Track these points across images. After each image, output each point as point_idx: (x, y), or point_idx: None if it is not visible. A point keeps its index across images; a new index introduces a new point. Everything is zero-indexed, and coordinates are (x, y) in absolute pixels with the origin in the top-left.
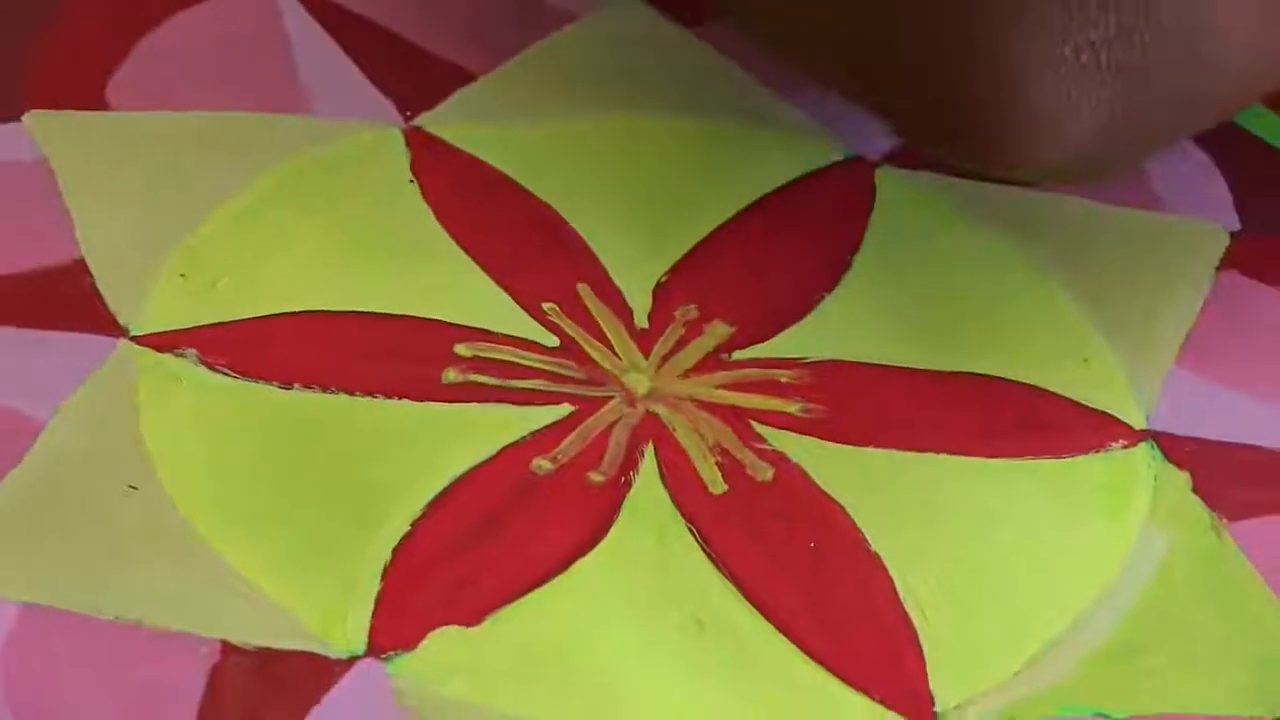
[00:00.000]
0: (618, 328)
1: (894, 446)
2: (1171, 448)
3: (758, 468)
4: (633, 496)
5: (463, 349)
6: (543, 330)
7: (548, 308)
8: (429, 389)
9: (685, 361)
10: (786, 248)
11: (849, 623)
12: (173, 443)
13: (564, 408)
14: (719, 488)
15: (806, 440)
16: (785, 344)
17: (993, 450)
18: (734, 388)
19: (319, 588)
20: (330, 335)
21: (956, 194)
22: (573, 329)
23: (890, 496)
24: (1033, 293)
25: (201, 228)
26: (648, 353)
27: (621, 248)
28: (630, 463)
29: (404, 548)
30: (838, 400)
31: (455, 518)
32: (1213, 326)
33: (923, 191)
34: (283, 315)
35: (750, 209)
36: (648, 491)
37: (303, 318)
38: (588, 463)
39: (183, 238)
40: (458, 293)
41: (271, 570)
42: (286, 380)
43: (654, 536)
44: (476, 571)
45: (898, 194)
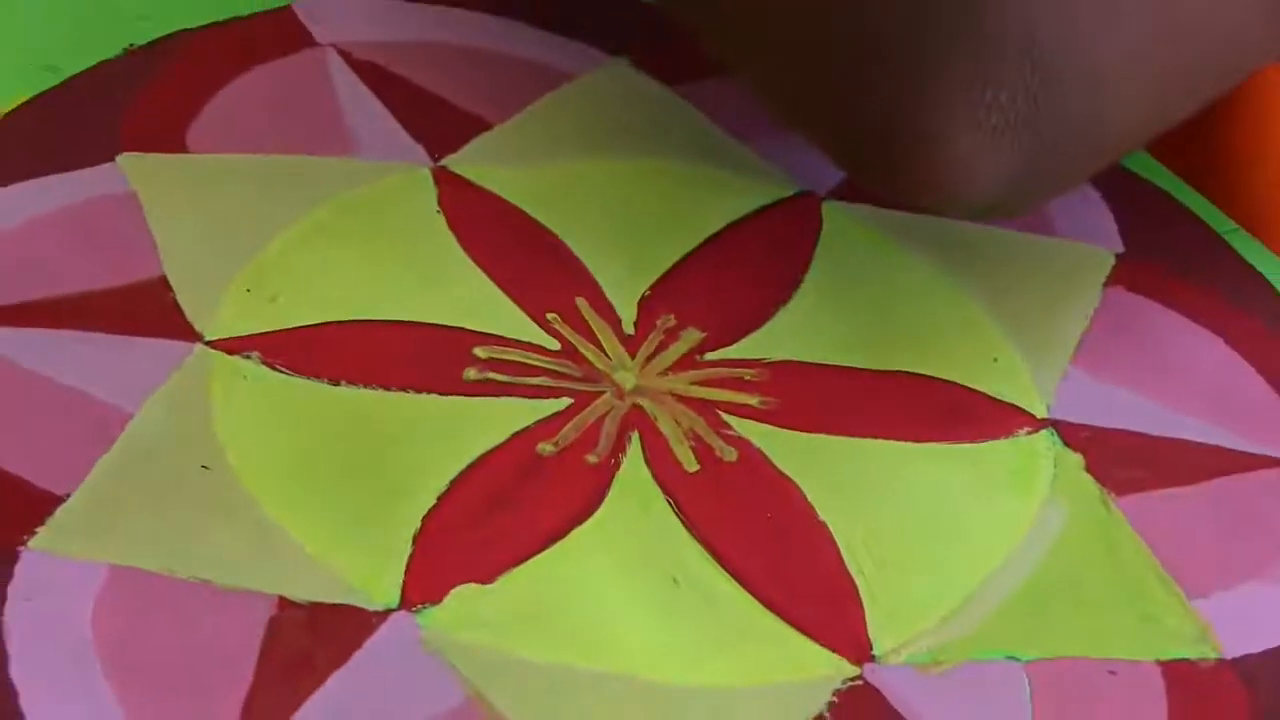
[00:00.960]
0: (609, 334)
1: (838, 433)
2: (1068, 434)
3: (725, 450)
4: (621, 475)
5: (480, 351)
6: (547, 336)
7: (551, 317)
8: (452, 385)
9: (665, 362)
10: (749, 268)
11: (801, 580)
12: (239, 430)
13: (564, 400)
14: (693, 467)
15: (765, 428)
16: (748, 348)
17: (919, 436)
18: (705, 384)
19: (360, 551)
20: (370, 340)
21: (891, 223)
22: (571, 335)
23: (835, 475)
24: (952, 305)
25: (264, 251)
26: (634, 355)
27: (612, 268)
28: (619, 446)
29: (431, 517)
30: (791, 394)
31: (474, 492)
32: (1102, 333)
33: (862, 221)
34: (331, 324)
35: (719, 235)
36: (634, 470)
37: (348, 326)
38: (584, 446)
39: (248, 259)
40: (476, 305)
41: (320, 537)
42: (334, 378)
43: (639, 508)
44: (491, 538)
45: (841, 223)
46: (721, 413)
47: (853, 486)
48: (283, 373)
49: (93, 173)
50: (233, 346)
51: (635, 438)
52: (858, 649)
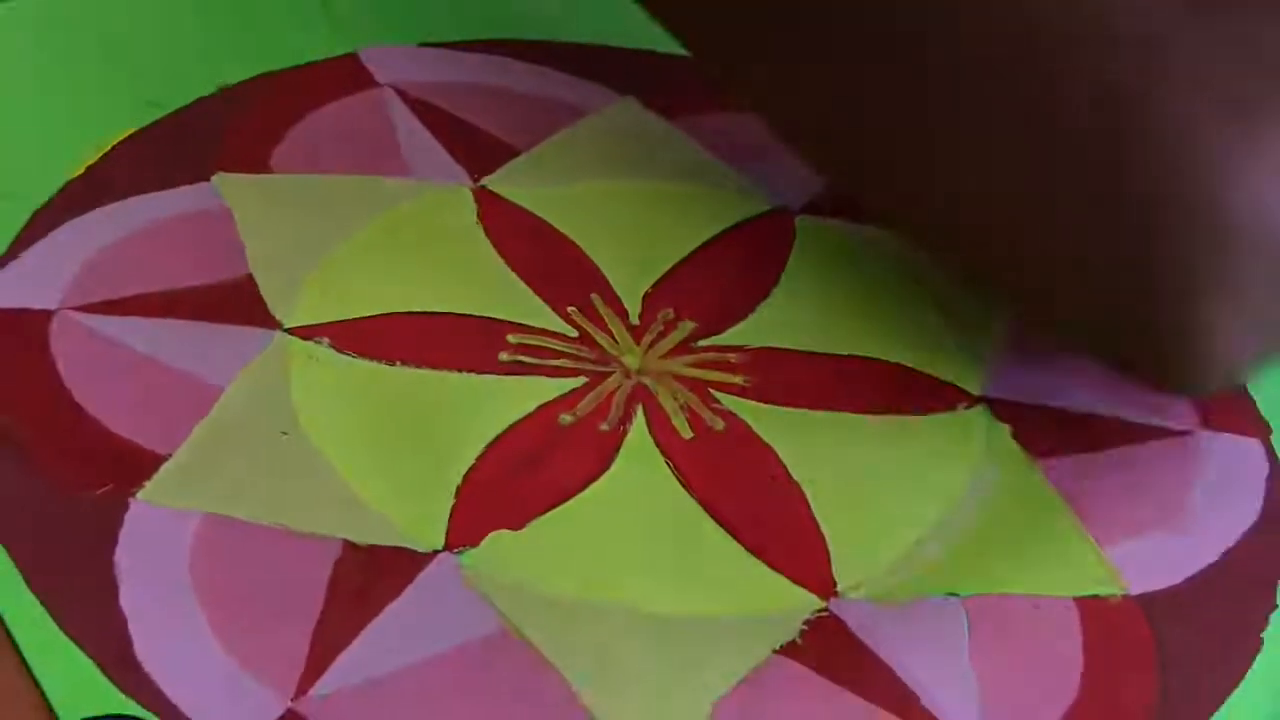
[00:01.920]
0: (618, 324)
1: (809, 407)
2: (999, 409)
3: (714, 421)
4: (628, 441)
5: (512, 338)
6: (567, 325)
7: (570, 310)
8: (489, 365)
9: (664, 347)
10: (735, 270)
11: (777, 528)
12: (312, 402)
13: (581, 379)
14: (688, 435)
15: (748, 403)
16: (734, 336)
17: (876, 410)
18: (698, 366)
19: (411, 503)
20: (421, 329)
21: (856, 235)
22: (587, 325)
23: (807, 442)
24: (905, 302)
25: (332, 254)
26: (639, 341)
27: (621, 270)
28: (627, 417)
29: (470, 475)
30: (770, 375)
31: (506, 454)
32: None
33: (831, 232)
34: (389, 315)
35: (709, 243)
36: (639, 437)
37: (402, 317)
38: (598, 417)
39: (319, 261)
40: (509, 300)
41: (379, 491)
42: (391, 359)
43: (644, 469)
44: (521, 492)
45: (812, 234)
46: (712, 390)
47: (821, 452)
48: (348, 355)
49: (192, 190)
50: (307, 333)
51: (640, 410)
52: (824, 586)
